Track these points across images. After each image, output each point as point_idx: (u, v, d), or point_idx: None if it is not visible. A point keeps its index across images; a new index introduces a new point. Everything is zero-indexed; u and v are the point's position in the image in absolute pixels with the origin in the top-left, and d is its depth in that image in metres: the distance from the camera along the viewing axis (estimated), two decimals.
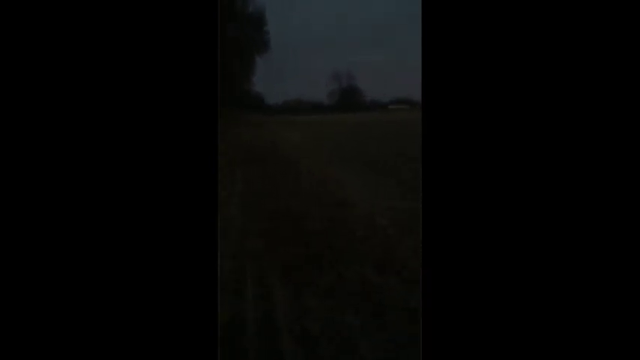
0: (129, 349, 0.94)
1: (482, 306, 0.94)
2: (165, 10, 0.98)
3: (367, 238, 2.91)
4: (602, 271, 0.90)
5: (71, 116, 0.95)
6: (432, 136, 0.98)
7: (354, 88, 57.66)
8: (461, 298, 0.95)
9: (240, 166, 6.61)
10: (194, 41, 0.99)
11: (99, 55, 0.96)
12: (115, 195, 0.95)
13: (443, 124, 0.97)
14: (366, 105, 54.51)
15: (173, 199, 0.97)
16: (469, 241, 0.95)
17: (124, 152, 0.96)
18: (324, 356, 1.56)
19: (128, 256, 0.95)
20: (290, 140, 12.01)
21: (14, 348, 0.91)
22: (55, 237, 0.93)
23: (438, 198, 0.97)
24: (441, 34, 0.97)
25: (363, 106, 52.86)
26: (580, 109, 0.92)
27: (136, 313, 0.95)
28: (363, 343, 1.62)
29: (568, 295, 0.91)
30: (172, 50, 0.98)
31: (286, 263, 2.44)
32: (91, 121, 0.95)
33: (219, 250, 1.11)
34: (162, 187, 0.97)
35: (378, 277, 2.24)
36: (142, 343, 0.95)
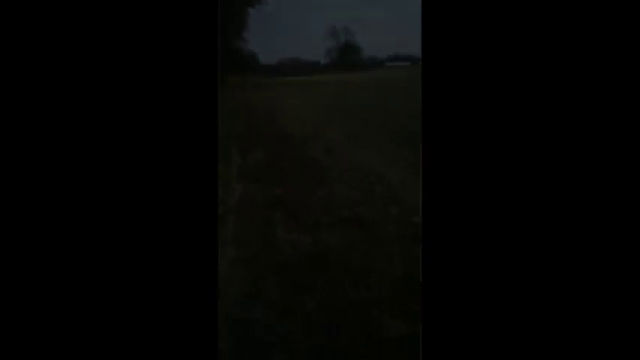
0: (129, 350, 0.90)
1: (483, 303, 0.87)
2: (165, 5, 0.93)
3: None
4: (602, 270, 0.85)
5: (70, 113, 0.91)
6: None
7: (352, 45, 54.12)
8: (462, 293, 0.88)
9: (238, 153, 5.00)
10: (195, 37, 0.93)
11: (96, 52, 0.90)
12: (113, 194, 0.91)
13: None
14: (364, 63, 51.34)
15: (172, 198, 0.92)
16: (472, 232, 0.88)
17: (121, 149, 0.91)
18: None
19: (126, 255, 0.90)
20: (293, 108, 10.20)
21: (14, 347, 0.87)
22: (53, 235, 0.89)
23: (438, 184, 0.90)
24: None
25: (360, 64, 49.55)
26: (580, 96, 0.87)
27: (136, 313, 0.91)
28: None
29: (568, 294, 0.85)
30: (171, 48, 0.93)
31: None
32: (89, 118, 0.91)
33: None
34: (161, 186, 0.92)
35: None
36: (142, 342, 0.90)
